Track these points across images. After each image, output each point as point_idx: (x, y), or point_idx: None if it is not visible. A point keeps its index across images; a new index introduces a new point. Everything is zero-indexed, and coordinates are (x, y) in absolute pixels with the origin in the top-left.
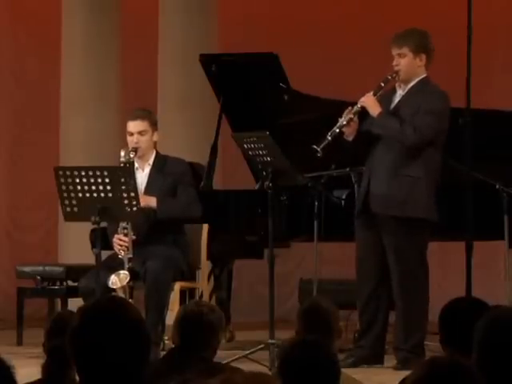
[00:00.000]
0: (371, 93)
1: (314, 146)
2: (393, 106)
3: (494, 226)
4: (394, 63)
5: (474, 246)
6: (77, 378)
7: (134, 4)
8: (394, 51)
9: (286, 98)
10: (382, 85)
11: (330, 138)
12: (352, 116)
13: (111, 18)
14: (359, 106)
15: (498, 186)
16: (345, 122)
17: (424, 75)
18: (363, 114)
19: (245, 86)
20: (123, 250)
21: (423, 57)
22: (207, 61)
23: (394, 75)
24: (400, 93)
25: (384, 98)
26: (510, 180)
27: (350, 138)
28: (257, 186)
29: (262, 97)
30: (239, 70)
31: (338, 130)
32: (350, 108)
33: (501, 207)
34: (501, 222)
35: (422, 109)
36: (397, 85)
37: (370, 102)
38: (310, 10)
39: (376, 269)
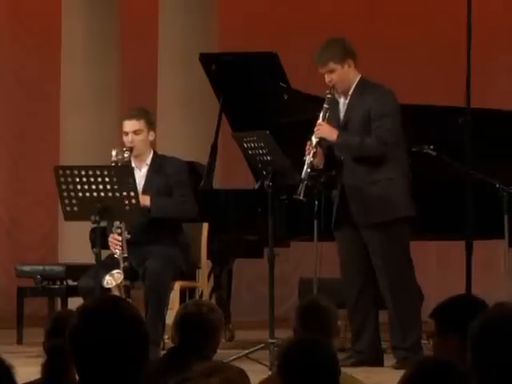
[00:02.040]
0: (320, 119)
1: (296, 196)
2: (342, 116)
3: (493, 225)
4: (327, 80)
5: (473, 245)
6: (77, 377)
7: (134, 4)
8: (322, 70)
9: (285, 97)
10: (327, 106)
11: (305, 181)
12: (315, 150)
13: (111, 18)
14: (317, 137)
15: (497, 186)
16: (312, 159)
17: (359, 77)
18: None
19: (245, 85)
20: (118, 250)
21: (350, 62)
22: (207, 60)
23: (333, 91)
24: (343, 101)
25: (331, 113)
26: (510, 179)
27: (321, 166)
28: (257, 186)
29: (261, 96)
30: (239, 70)
31: (309, 170)
32: (309, 142)
33: (501, 206)
34: (501, 222)
35: (375, 114)
36: (336, 96)
37: (324, 131)
38: (310, 9)
39: (361, 270)
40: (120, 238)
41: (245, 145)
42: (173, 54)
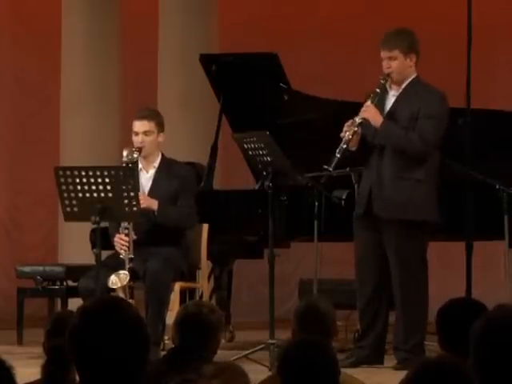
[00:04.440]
0: (369, 102)
1: (326, 167)
2: (388, 107)
3: (494, 225)
4: (385, 66)
5: (474, 245)
6: (77, 377)
7: (135, 4)
8: (385, 54)
9: (285, 97)
10: (378, 91)
11: (338, 155)
12: (356, 129)
13: (111, 18)
14: (361, 117)
15: (497, 186)
16: (350, 137)
17: (415, 75)
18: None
19: (245, 85)
20: (124, 250)
21: (413, 57)
22: (207, 61)
23: (387, 78)
24: (393, 94)
25: (377, 100)
26: (510, 180)
27: (354, 148)
28: (257, 186)
29: (261, 97)
30: (239, 70)
31: (345, 146)
32: (351, 121)
33: (501, 207)
34: (501, 222)
35: (422, 113)
36: (387, 86)
37: (371, 113)
38: (311, 10)
39: (376, 269)
40: (127, 239)
41: (245, 145)
42: (173, 53)
